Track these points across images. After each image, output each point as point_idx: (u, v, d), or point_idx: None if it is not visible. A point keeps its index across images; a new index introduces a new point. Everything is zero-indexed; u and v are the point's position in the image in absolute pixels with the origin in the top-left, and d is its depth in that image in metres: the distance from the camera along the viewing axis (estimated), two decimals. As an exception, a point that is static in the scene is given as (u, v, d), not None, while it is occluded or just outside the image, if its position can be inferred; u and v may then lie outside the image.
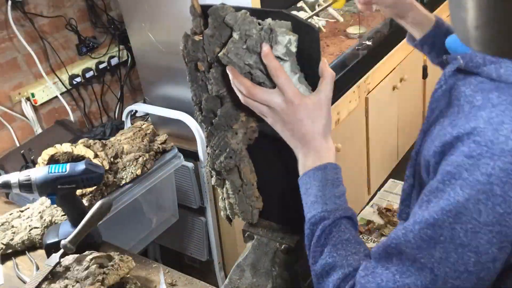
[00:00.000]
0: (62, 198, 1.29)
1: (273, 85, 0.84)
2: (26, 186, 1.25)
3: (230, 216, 1.04)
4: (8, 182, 1.25)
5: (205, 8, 0.84)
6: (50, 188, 1.25)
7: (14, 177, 1.25)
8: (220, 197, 1.05)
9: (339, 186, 0.84)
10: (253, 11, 0.83)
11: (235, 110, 0.89)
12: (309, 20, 2.36)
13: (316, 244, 0.81)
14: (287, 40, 0.81)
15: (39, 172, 1.25)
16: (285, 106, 0.82)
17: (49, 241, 1.30)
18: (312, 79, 0.85)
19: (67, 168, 1.26)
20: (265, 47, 0.81)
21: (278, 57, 0.82)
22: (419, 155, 0.82)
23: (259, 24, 0.82)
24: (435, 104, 0.80)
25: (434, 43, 1.17)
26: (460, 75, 0.77)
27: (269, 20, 0.82)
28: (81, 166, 1.27)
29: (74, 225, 1.29)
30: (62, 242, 1.19)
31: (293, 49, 0.82)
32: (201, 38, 0.85)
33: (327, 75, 0.84)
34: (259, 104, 0.84)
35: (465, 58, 0.75)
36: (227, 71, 0.84)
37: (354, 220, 0.84)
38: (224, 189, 1.02)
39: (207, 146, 0.97)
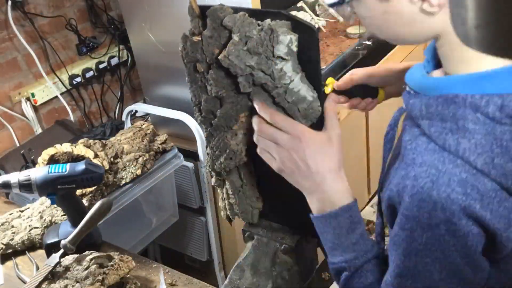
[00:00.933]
0: (62, 198, 1.29)
1: (275, 85, 0.83)
2: (26, 186, 1.25)
3: (230, 216, 1.04)
4: (8, 182, 1.25)
5: (204, 9, 0.84)
6: (50, 188, 1.25)
7: (14, 177, 1.25)
8: (220, 197, 1.05)
9: (354, 230, 0.80)
10: (251, 12, 0.83)
11: (235, 111, 0.89)
12: (310, 20, 2.36)
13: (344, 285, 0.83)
14: (289, 39, 0.81)
15: (39, 172, 1.25)
16: (293, 142, 0.80)
17: (49, 241, 1.30)
18: (312, 80, 0.85)
19: (67, 168, 1.26)
20: (257, 104, 0.82)
21: (280, 57, 0.81)
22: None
23: (259, 25, 0.81)
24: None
25: None
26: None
27: (268, 21, 0.82)
28: (81, 166, 1.27)
29: (74, 225, 1.29)
30: (62, 242, 1.19)
31: (294, 48, 0.82)
32: (200, 39, 0.85)
33: (329, 111, 0.83)
34: (269, 141, 0.83)
35: (408, 107, 0.74)
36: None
37: (376, 257, 0.82)
38: (224, 189, 1.02)
39: (206, 147, 0.97)
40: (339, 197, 0.81)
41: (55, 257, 1.19)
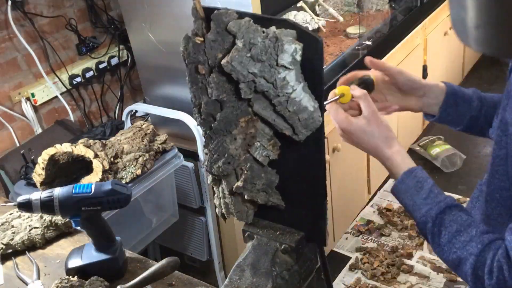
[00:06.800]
0: (86, 221, 1.20)
1: (276, 94, 0.83)
2: (48, 207, 1.16)
3: (225, 215, 1.04)
4: (29, 201, 1.16)
5: (208, 11, 0.84)
6: (74, 210, 1.17)
7: (36, 196, 1.17)
8: (215, 195, 1.05)
9: (422, 188, 0.94)
10: (256, 18, 0.82)
11: (235, 116, 0.89)
12: (309, 20, 2.36)
13: (434, 244, 0.93)
14: (293, 49, 0.80)
15: (62, 192, 1.17)
16: (346, 136, 1.02)
17: (71, 266, 1.24)
18: (314, 89, 0.84)
19: (92, 188, 1.18)
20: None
21: (283, 66, 0.81)
22: None
23: (263, 32, 0.81)
24: None
25: (454, 114, 1.17)
26: None
27: (273, 28, 0.81)
28: (107, 186, 1.19)
29: (99, 249, 1.23)
30: (119, 286, 1.11)
31: (298, 58, 0.81)
32: (203, 40, 0.84)
33: (360, 96, 0.98)
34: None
35: None
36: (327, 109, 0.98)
37: (452, 205, 0.92)
38: (220, 188, 1.01)
39: (204, 147, 0.96)
40: (398, 164, 0.97)
41: None
